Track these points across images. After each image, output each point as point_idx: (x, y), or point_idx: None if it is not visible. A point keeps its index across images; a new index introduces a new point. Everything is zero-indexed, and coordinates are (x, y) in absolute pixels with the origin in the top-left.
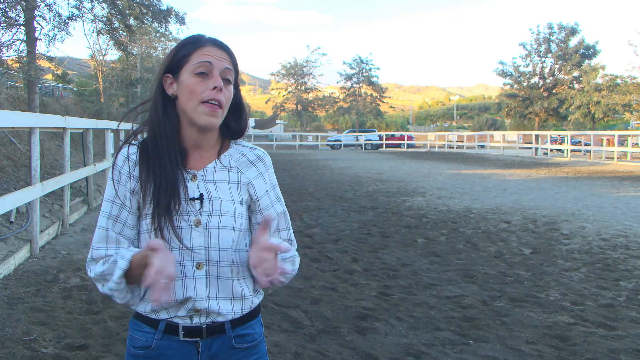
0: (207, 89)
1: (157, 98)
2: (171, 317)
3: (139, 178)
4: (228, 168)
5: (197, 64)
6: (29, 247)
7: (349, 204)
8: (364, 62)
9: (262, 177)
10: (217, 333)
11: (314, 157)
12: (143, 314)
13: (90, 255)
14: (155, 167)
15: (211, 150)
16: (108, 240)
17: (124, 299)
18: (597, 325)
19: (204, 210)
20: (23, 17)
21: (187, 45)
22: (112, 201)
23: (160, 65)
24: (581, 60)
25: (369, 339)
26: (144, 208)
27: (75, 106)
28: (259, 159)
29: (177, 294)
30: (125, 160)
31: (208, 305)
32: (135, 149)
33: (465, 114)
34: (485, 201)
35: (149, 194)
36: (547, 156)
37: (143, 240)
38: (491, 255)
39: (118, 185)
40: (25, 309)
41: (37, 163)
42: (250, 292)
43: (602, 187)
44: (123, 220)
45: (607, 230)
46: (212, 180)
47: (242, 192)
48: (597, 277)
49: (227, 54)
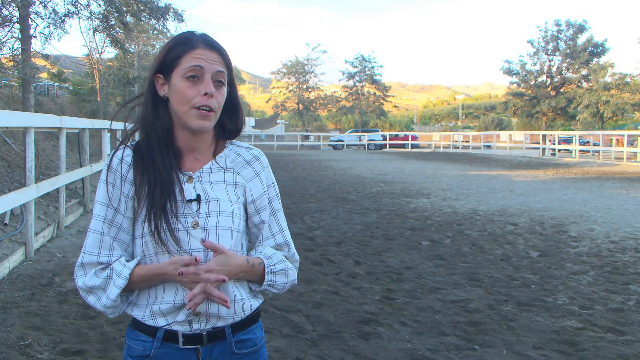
0: (199, 94)
1: (148, 98)
2: (169, 323)
3: (133, 181)
4: (224, 169)
5: (187, 68)
6: (23, 250)
7: (351, 205)
8: (366, 60)
9: (258, 177)
10: (218, 339)
11: (315, 157)
12: (140, 320)
13: (80, 260)
14: (149, 169)
15: (207, 151)
16: (102, 245)
17: (115, 313)
18: (606, 330)
19: (201, 211)
20: (18, 15)
21: (178, 47)
22: (106, 204)
23: (151, 64)
24: (590, 58)
25: (372, 344)
26: (140, 212)
27: (71, 105)
28: (255, 159)
29: (176, 298)
30: (119, 163)
31: (208, 308)
32: (130, 152)
33: (471, 113)
34: (492, 203)
35: (144, 197)
36: (555, 157)
37: (138, 246)
38: (497, 258)
39: (112, 188)
40: (19, 314)
41: (32, 164)
42: (247, 294)
43: (611, 189)
44: (118, 224)
45: (617, 233)
46: (208, 182)
47: (238, 193)
48: (606, 280)
49: (218, 55)
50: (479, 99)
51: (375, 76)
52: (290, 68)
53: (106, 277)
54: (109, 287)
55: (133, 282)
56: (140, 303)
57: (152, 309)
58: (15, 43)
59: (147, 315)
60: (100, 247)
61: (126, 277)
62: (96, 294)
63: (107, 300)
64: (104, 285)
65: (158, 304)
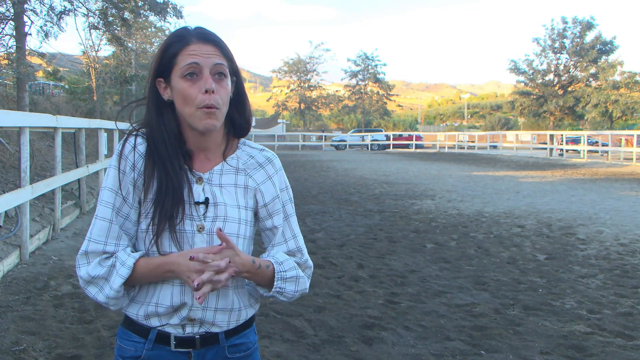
0: (200, 92)
1: (150, 104)
2: (162, 325)
3: (142, 172)
4: (235, 171)
5: (184, 67)
6: (18, 253)
7: (354, 207)
8: (369, 59)
9: (270, 180)
10: (211, 343)
11: (317, 158)
12: (134, 319)
13: (84, 248)
14: (160, 171)
15: (217, 150)
16: (110, 233)
17: (117, 305)
18: (615, 334)
19: (208, 215)
20: (12, 11)
21: (172, 45)
22: (115, 191)
23: (150, 67)
24: (598, 56)
25: (376, 350)
26: (145, 206)
27: (67, 105)
28: (268, 161)
29: (173, 300)
30: (131, 150)
31: (204, 315)
32: (142, 140)
33: (476, 112)
34: (498, 204)
35: (151, 192)
36: (563, 157)
37: (140, 240)
38: (504, 261)
39: (123, 175)
40: (14, 318)
41: (27, 164)
42: (246, 304)
43: (621, 190)
44: (125, 214)
45: (626, 235)
46: (218, 184)
47: (248, 198)
48: (615, 284)
49: (215, 47)
50: (484, 98)
51: (378, 75)
52: (292, 66)
53: (110, 266)
54: (112, 277)
55: (137, 273)
56: (138, 299)
57: (148, 309)
58: (9, 41)
59: (142, 315)
60: (108, 236)
61: (130, 266)
62: (98, 285)
63: (110, 291)
64: (107, 275)
65: (153, 305)
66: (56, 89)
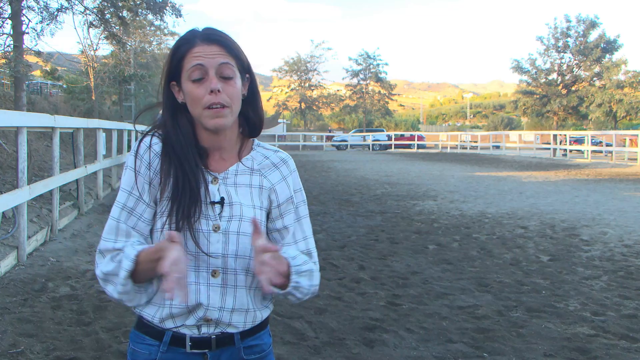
0: (206, 92)
1: (165, 108)
2: (177, 326)
3: (159, 171)
4: (250, 172)
5: (190, 69)
6: (15, 254)
7: (355, 208)
8: (371, 58)
9: (285, 181)
10: (226, 344)
11: (318, 158)
12: (149, 321)
13: (99, 247)
14: (177, 170)
15: (232, 149)
16: (118, 232)
17: (132, 301)
18: (620, 337)
19: (223, 215)
20: (9, 10)
21: (180, 48)
22: (129, 192)
23: (162, 71)
24: (602, 55)
25: (377, 352)
26: (161, 205)
27: (65, 104)
28: (283, 162)
29: (189, 299)
30: (147, 150)
31: (220, 315)
32: (158, 140)
33: (479, 112)
34: (501, 205)
35: (168, 191)
36: (566, 157)
37: (156, 239)
38: (507, 263)
39: (138, 175)
40: (11, 320)
41: (25, 165)
42: (261, 304)
43: (625, 190)
44: (138, 213)
45: (630, 236)
46: (233, 184)
47: (263, 198)
48: (620, 285)
49: (220, 47)
50: (487, 98)
51: (380, 74)
52: (293, 66)
53: (118, 261)
54: (120, 270)
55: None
56: (154, 301)
57: (163, 311)
58: (7, 39)
59: (157, 317)
60: (117, 234)
61: (132, 258)
62: (111, 281)
63: (119, 285)
64: (117, 270)
65: (168, 307)
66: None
